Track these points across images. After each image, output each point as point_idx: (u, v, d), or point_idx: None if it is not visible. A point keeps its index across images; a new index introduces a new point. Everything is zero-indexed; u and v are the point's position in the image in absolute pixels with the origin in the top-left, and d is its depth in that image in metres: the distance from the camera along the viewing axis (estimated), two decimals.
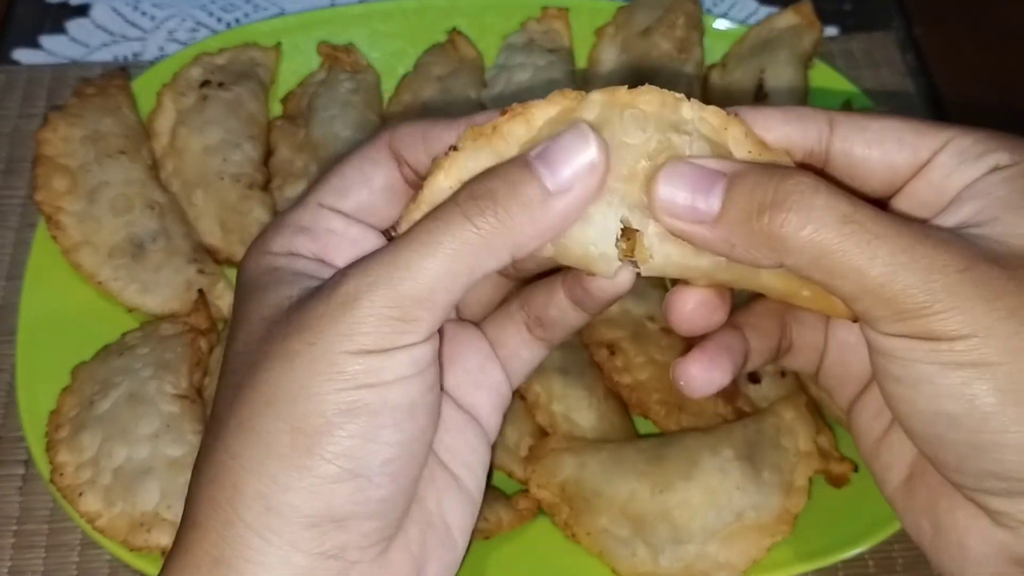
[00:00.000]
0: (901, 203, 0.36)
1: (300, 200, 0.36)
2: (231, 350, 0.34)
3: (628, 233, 0.33)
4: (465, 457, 0.37)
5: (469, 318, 0.40)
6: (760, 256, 0.32)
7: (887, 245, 0.31)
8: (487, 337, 0.39)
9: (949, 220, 0.33)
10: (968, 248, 0.31)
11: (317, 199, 0.35)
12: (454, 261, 0.31)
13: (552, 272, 0.39)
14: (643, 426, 0.60)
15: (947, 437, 0.32)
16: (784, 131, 0.35)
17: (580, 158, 0.31)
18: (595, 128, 0.32)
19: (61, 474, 0.54)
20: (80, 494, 0.53)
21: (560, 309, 0.38)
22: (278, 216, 0.36)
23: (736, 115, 0.34)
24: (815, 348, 0.42)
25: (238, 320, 0.34)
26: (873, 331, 0.33)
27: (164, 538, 0.52)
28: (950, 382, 0.31)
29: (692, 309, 0.35)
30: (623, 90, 0.33)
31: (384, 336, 0.31)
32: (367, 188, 0.36)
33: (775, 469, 0.55)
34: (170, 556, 0.33)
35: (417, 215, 0.33)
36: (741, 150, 0.34)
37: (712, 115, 0.33)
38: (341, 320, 0.31)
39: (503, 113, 0.33)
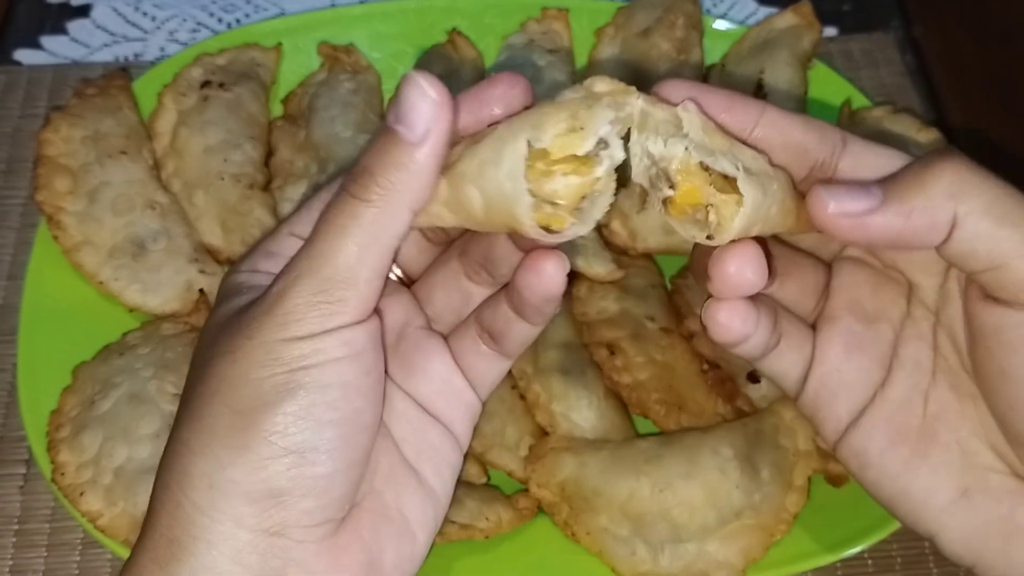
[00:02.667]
0: None
1: (274, 229, 0.39)
2: (192, 359, 0.37)
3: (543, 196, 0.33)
4: (429, 456, 0.39)
5: (442, 328, 0.41)
6: (936, 212, 0.34)
7: None
8: (452, 348, 0.41)
9: None
10: None
11: (287, 229, 0.38)
12: (359, 237, 0.33)
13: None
14: (643, 426, 0.60)
15: None
16: (802, 138, 0.37)
17: (425, 104, 0.33)
18: (430, 73, 0.34)
19: (62, 473, 0.54)
20: (81, 493, 0.53)
21: (505, 320, 0.39)
22: (254, 243, 0.40)
23: (691, 106, 0.35)
24: (801, 350, 0.41)
25: (201, 332, 0.38)
26: (1005, 311, 0.35)
27: None
28: None
29: (736, 269, 0.35)
30: (585, 83, 0.35)
31: (314, 320, 0.33)
32: None
33: (774, 468, 0.55)
34: (134, 545, 0.36)
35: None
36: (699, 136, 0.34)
37: (662, 111, 0.34)
38: (275, 314, 0.34)
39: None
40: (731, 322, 0.37)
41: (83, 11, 0.81)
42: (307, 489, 0.34)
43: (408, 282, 0.42)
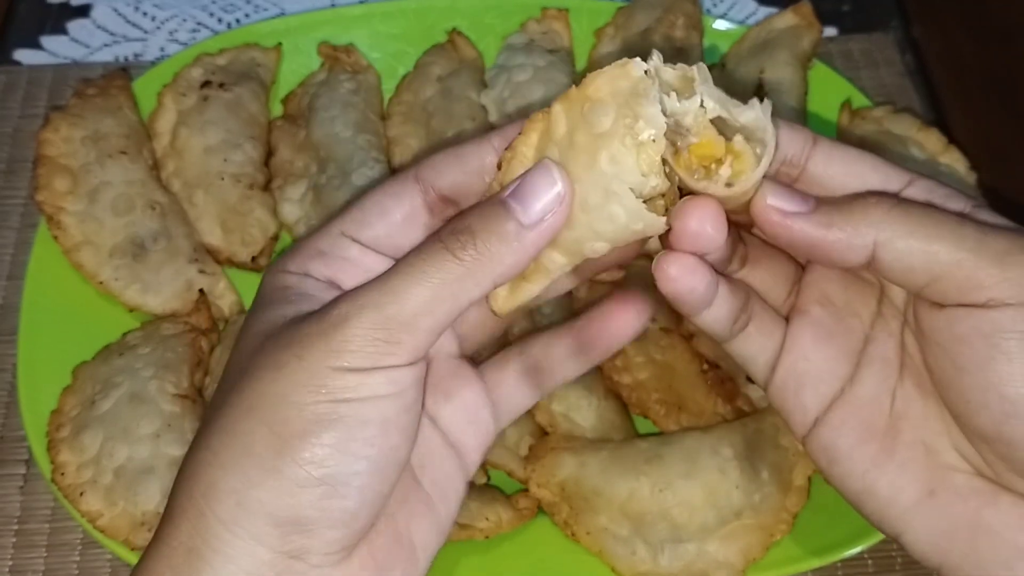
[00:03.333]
0: None
1: (323, 227, 0.39)
2: (229, 360, 0.37)
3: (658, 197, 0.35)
4: (442, 485, 0.39)
5: (469, 347, 0.42)
6: (854, 236, 0.36)
7: (967, 219, 0.35)
8: (484, 378, 0.41)
9: None
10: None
11: (339, 228, 0.38)
12: (438, 289, 0.34)
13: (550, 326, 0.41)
14: (643, 426, 0.60)
15: None
16: None
17: (549, 193, 0.34)
18: (559, 162, 0.34)
19: (62, 473, 0.54)
20: (81, 493, 0.53)
21: (559, 358, 0.40)
22: (301, 239, 0.39)
23: (703, 65, 0.35)
24: (771, 336, 0.41)
25: (242, 332, 0.37)
26: (955, 309, 0.35)
27: None
28: None
29: (698, 222, 0.36)
30: (573, 90, 0.35)
31: (368, 356, 0.33)
32: (386, 220, 0.38)
33: (774, 468, 0.55)
34: (148, 547, 0.35)
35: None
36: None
37: (671, 70, 0.35)
38: (331, 338, 0.33)
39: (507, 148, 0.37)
40: (681, 275, 0.37)
41: (83, 11, 0.81)
42: (333, 521, 0.34)
43: None
